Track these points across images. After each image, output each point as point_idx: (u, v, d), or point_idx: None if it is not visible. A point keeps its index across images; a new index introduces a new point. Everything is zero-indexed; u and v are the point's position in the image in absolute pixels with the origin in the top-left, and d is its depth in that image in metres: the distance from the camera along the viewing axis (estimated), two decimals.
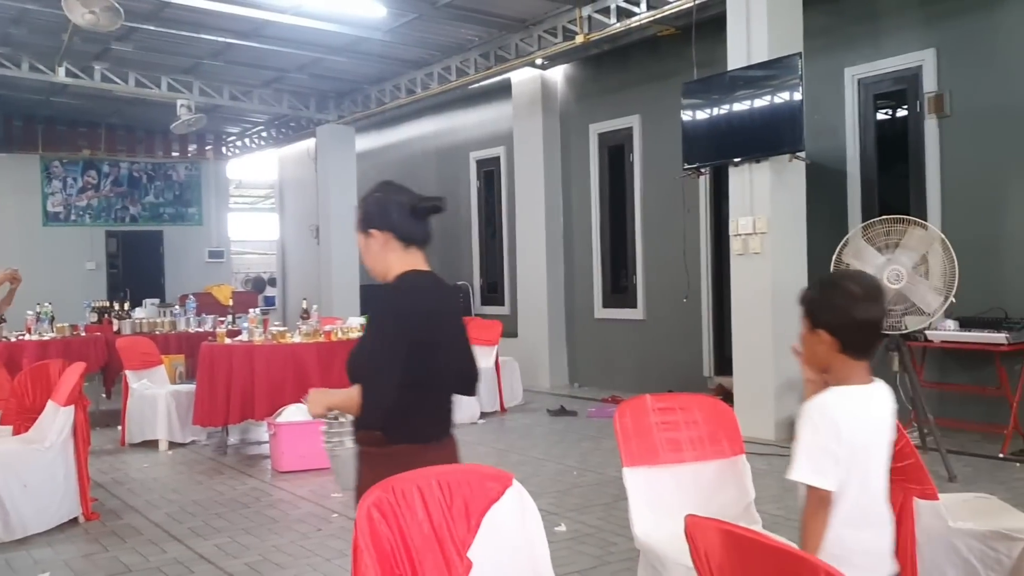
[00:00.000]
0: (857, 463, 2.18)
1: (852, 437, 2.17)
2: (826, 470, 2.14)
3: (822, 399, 2.23)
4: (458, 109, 13.38)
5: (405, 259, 2.67)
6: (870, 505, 2.24)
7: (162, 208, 17.39)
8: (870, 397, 2.27)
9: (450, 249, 13.76)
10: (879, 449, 2.27)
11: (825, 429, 2.17)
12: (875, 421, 2.27)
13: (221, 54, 11.66)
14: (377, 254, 2.68)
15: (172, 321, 9.80)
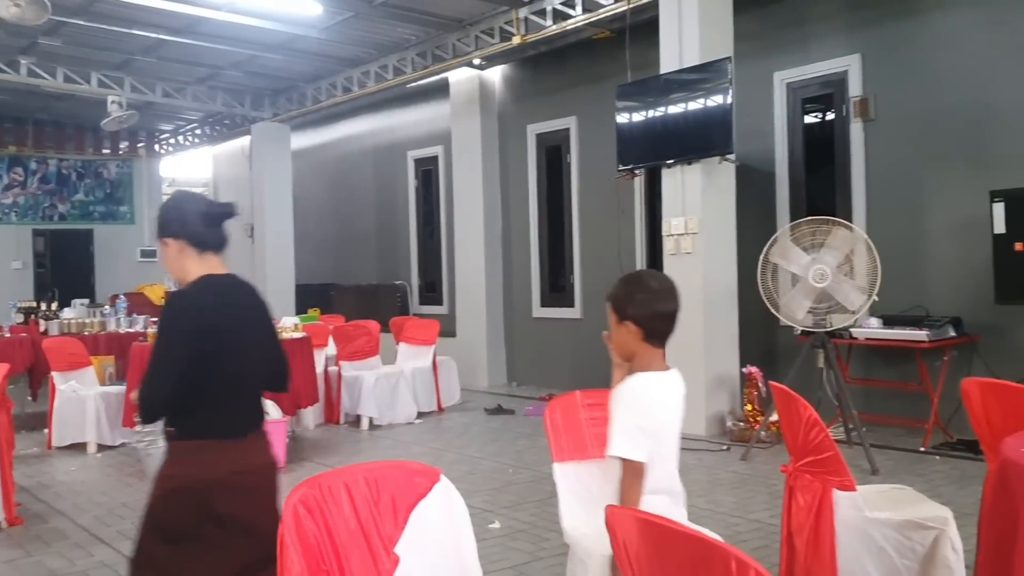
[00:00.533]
0: (658, 440, 2.56)
1: (656, 416, 2.58)
2: (639, 445, 2.49)
3: (632, 382, 2.59)
4: (395, 108, 13.35)
5: (201, 264, 2.76)
6: (666, 477, 2.62)
7: (92, 206, 16.99)
8: (669, 382, 2.67)
9: (387, 248, 13.72)
10: (674, 428, 2.67)
11: (636, 409, 2.54)
12: (672, 404, 2.67)
13: (154, 50, 11.45)
14: (174, 261, 2.78)
15: (102, 322, 9.60)
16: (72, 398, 7.88)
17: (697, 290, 7.59)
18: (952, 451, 6.61)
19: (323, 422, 8.89)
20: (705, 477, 6.22)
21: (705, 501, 5.54)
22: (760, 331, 8.05)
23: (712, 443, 7.26)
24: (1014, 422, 3.24)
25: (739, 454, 6.81)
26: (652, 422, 2.54)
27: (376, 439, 8.26)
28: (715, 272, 7.65)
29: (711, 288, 7.60)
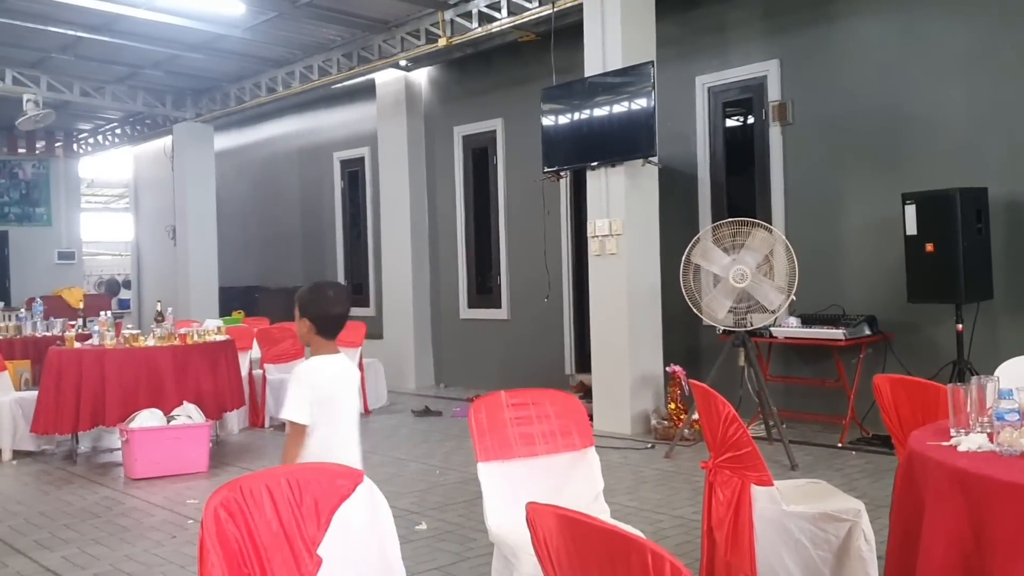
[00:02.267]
0: (325, 407, 3.22)
1: (322, 390, 3.25)
2: (303, 411, 3.19)
3: (304, 364, 3.37)
4: (321, 109, 13.23)
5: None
6: (336, 435, 3.26)
7: (7, 207, 16.44)
8: (336, 364, 3.37)
9: (314, 249, 13.59)
10: (344, 396, 3.36)
11: (307, 383, 3.25)
12: (340, 380, 3.36)
13: (71, 48, 11.15)
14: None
15: (17, 325, 9.29)
16: None
17: (621, 290, 7.70)
18: (867, 446, 6.83)
19: (248, 426, 8.76)
20: (630, 475, 6.32)
21: (630, 498, 5.63)
22: (683, 330, 8.20)
23: (637, 441, 7.37)
24: (922, 416, 3.38)
25: (663, 452, 6.93)
26: (320, 393, 3.24)
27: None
28: (639, 273, 7.77)
29: (635, 288, 7.72)
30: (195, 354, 7.33)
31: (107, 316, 7.92)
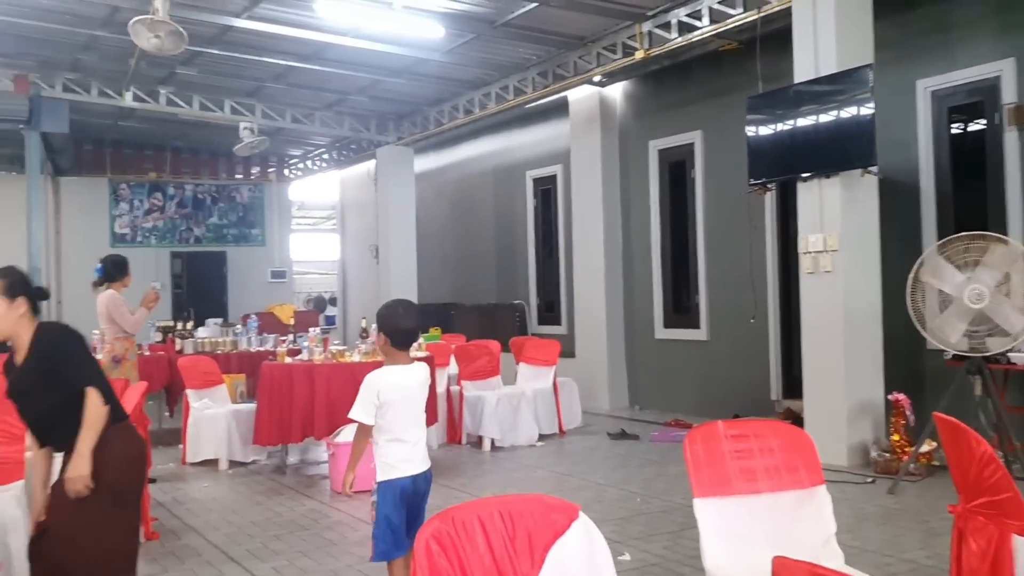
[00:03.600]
0: (389, 410, 3.77)
1: (386, 395, 3.77)
2: (368, 413, 3.77)
3: (374, 372, 3.85)
4: (515, 128, 13.34)
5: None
6: (406, 431, 3.82)
7: (226, 229, 17.65)
8: (403, 373, 3.88)
9: (506, 268, 13.68)
10: (409, 400, 3.87)
11: (370, 389, 3.79)
12: (403, 387, 3.85)
13: (283, 77, 11.78)
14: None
15: (234, 340, 9.85)
16: (205, 415, 8.07)
17: (837, 310, 7.18)
18: None
19: (445, 442, 8.84)
20: (849, 511, 5.82)
21: (852, 537, 5.16)
22: (903, 354, 7.55)
23: (855, 474, 6.82)
24: None
25: (885, 487, 6.36)
26: (384, 398, 3.77)
27: (499, 461, 8.14)
28: (857, 291, 7.22)
29: (853, 308, 7.18)
30: None
31: (316, 332, 8.22)
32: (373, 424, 3.77)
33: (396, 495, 3.75)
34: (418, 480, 3.82)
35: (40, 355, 3.44)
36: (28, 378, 3.44)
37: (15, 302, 3.43)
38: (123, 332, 7.27)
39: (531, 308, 13.07)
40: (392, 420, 3.78)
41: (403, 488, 3.77)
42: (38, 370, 3.43)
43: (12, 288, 3.44)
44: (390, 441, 3.78)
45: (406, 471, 3.78)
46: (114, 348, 7.25)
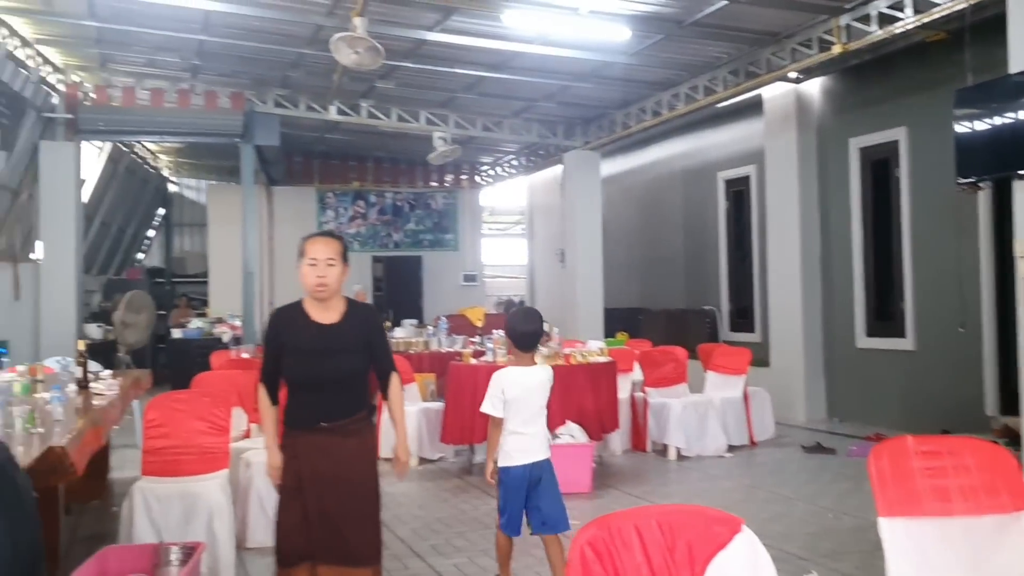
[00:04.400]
0: (512, 405, 4.33)
1: (510, 391, 4.33)
2: (497, 407, 4.33)
3: (500, 371, 4.46)
4: (705, 129, 13.05)
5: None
6: (525, 425, 4.35)
7: (422, 235, 18.34)
8: (524, 373, 4.43)
9: (696, 272, 13.40)
10: (529, 397, 4.39)
11: (496, 386, 4.35)
12: (524, 385, 4.39)
13: (474, 87, 12.09)
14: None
15: (426, 341, 10.20)
16: None
17: None
18: None
19: (630, 449, 8.76)
20: None
21: None
22: None
23: None
24: None
25: None
26: (508, 394, 4.33)
27: (684, 470, 7.97)
28: None
29: None
30: (579, 374, 7.45)
31: (501, 335, 8.35)
32: (502, 416, 4.34)
33: (513, 480, 4.34)
34: (534, 468, 4.36)
35: (359, 322, 3.69)
36: (343, 339, 3.64)
37: (347, 267, 3.71)
38: None
39: (722, 314, 12.74)
40: (512, 414, 4.34)
41: (519, 475, 4.34)
42: (355, 335, 3.66)
43: (345, 254, 3.72)
44: (510, 433, 4.35)
45: (522, 460, 4.35)
46: None
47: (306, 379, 3.63)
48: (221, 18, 9.65)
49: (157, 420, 5.31)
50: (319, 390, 3.62)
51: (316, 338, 3.61)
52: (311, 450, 3.58)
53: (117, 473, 7.10)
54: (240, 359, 9.48)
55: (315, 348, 3.60)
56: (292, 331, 3.65)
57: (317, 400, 3.62)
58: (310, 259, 3.61)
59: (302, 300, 3.72)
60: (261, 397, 3.73)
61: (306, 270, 3.62)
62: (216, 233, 17.11)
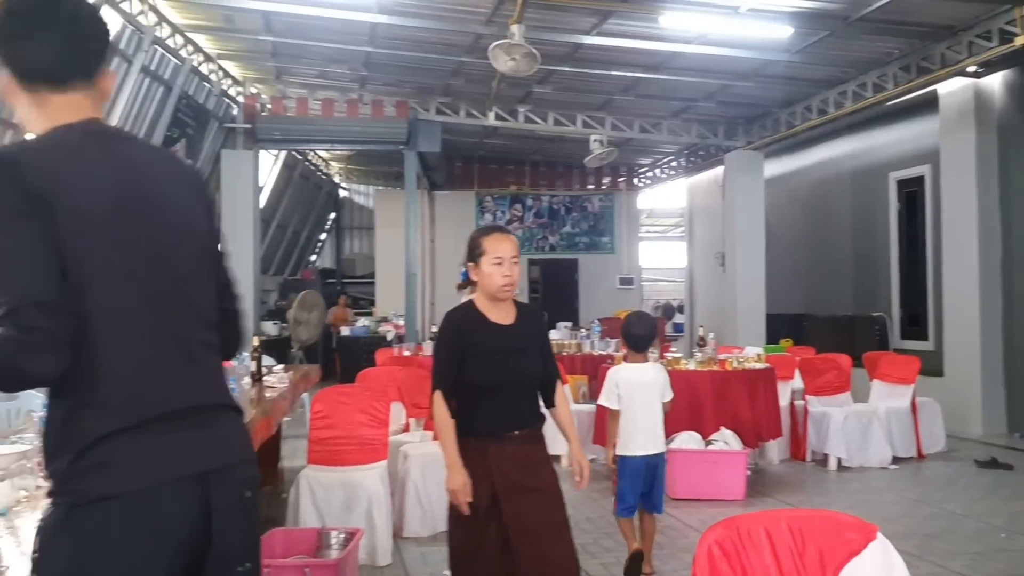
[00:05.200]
0: (625, 400, 4.83)
1: (622, 387, 4.84)
2: (612, 401, 4.86)
3: (614, 368, 5.20)
4: (875, 127, 12.50)
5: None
6: (639, 419, 4.80)
7: (578, 238, 18.46)
8: (636, 370, 4.94)
9: (865, 277, 12.86)
10: (641, 392, 4.83)
11: (611, 381, 4.91)
12: (635, 381, 4.86)
13: (631, 88, 12.07)
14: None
15: (578, 343, 10.28)
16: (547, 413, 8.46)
17: None
18: None
19: (788, 458, 8.52)
20: None
21: None
22: None
23: None
24: None
25: None
26: (621, 389, 4.83)
27: (844, 481, 7.69)
28: None
29: None
30: (734, 380, 7.33)
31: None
32: (618, 409, 4.83)
33: (631, 470, 4.80)
34: (649, 460, 4.81)
35: (531, 323, 3.50)
36: (523, 340, 3.43)
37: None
38: None
39: (893, 321, 12.16)
40: (626, 408, 4.84)
41: (635, 465, 4.80)
42: (529, 336, 3.46)
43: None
44: (626, 426, 4.82)
45: (638, 452, 4.79)
46: None
47: (497, 382, 3.34)
48: (387, 30, 10.07)
49: (323, 412, 5.63)
50: (510, 394, 3.35)
51: (501, 339, 3.38)
52: (504, 461, 3.27)
53: (288, 462, 7.53)
54: (401, 356, 9.86)
55: (503, 349, 3.36)
56: (475, 332, 3.39)
57: (508, 405, 3.35)
58: (495, 257, 3.38)
59: (472, 301, 3.48)
60: (438, 407, 3.35)
61: (490, 269, 3.37)
62: (382, 236, 17.84)
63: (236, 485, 1.85)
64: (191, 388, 1.84)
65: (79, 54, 1.85)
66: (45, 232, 1.66)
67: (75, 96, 1.84)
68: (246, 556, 1.87)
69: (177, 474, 1.74)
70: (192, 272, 1.89)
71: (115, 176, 1.80)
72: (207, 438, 1.83)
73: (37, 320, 1.62)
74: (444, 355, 3.43)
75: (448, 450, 3.30)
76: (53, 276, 1.66)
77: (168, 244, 1.84)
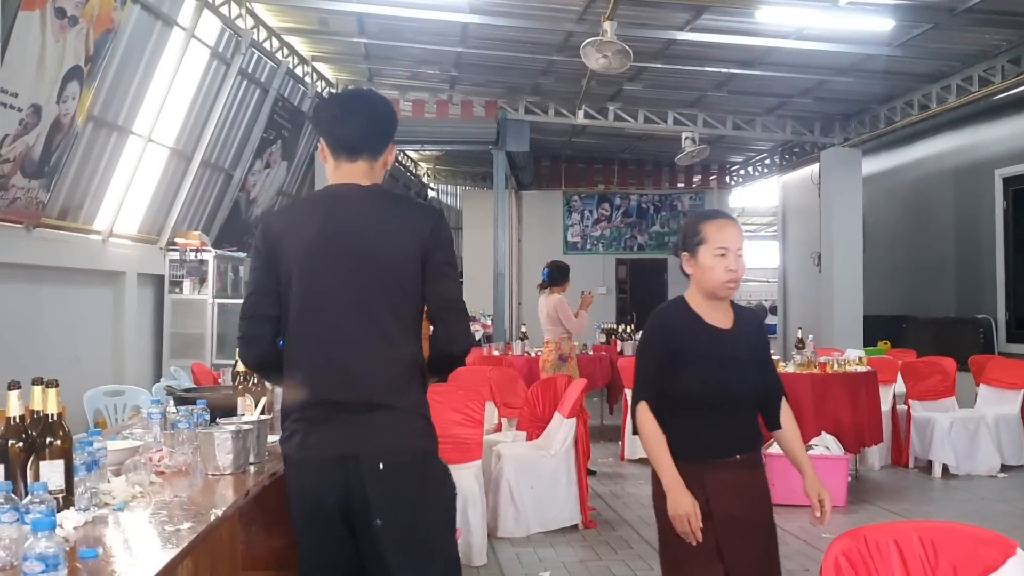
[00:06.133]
0: None
1: None
2: None
3: None
4: (980, 123, 12.01)
5: None
6: None
7: (667, 237, 18.22)
8: None
9: (968, 278, 12.37)
10: None
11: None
12: None
13: (724, 85, 11.86)
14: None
15: None
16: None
17: None
18: None
19: (889, 464, 8.26)
20: None
21: None
22: None
23: None
24: None
25: None
26: None
27: (949, 489, 7.40)
28: None
29: None
30: (835, 384, 7.12)
31: None
32: None
33: None
34: None
35: (753, 330, 3.03)
36: (743, 348, 2.92)
37: None
38: (567, 333, 7.86)
39: (998, 324, 11.66)
40: None
41: None
42: (750, 344, 2.97)
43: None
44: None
45: None
46: (561, 347, 7.87)
47: (715, 395, 2.83)
48: (477, 30, 10.11)
49: None
50: (730, 410, 2.87)
51: (718, 345, 2.88)
52: (722, 490, 2.79)
53: None
54: (491, 356, 9.89)
55: (721, 357, 2.86)
56: (688, 335, 2.89)
57: (727, 423, 2.86)
58: (718, 248, 2.87)
59: (684, 299, 3.00)
60: (645, 420, 2.83)
61: (712, 261, 2.87)
62: (470, 236, 17.92)
63: (375, 460, 2.44)
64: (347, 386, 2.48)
65: (372, 136, 2.61)
66: (270, 270, 2.55)
67: (361, 164, 2.61)
68: (377, 514, 2.42)
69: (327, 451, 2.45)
70: (372, 291, 2.49)
71: (320, 227, 2.52)
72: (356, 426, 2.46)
73: (246, 327, 2.60)
74: (651, 360, 2.91)
75: (666, 468, 2.77)
76: (266, 298, 2.56)
77: (351, 271, 2.48)
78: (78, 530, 2.19)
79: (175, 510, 2.48)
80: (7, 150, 6.13)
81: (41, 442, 2.34)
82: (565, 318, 7.80)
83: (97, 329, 8.52)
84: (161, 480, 2.87)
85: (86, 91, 6.81)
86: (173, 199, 9.61)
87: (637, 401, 2.88)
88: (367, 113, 2.60)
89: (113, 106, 7.78)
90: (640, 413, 2.85)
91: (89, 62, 6.69)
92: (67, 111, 6.66)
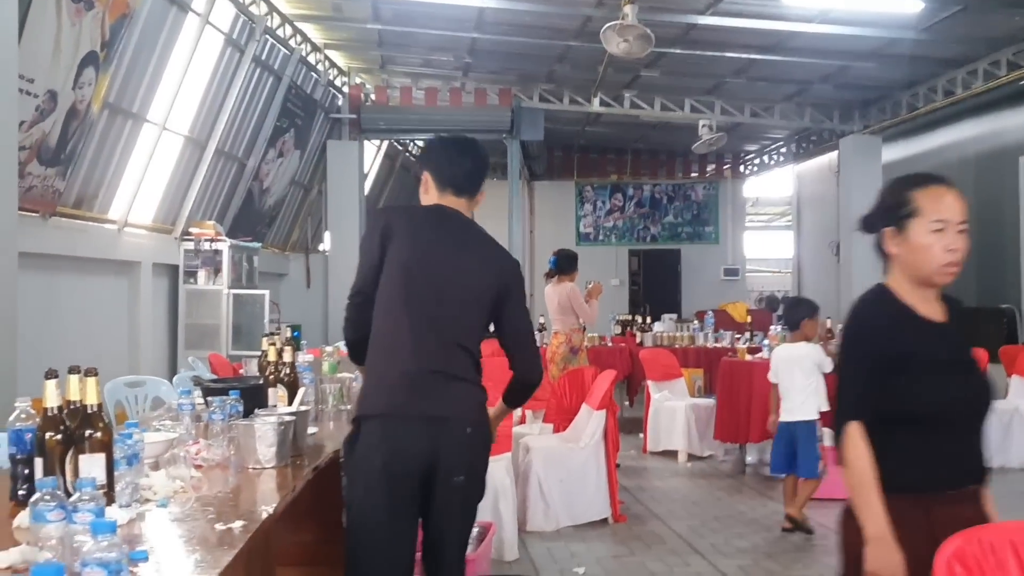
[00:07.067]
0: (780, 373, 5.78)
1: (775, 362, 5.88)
2: (772, 375, 5.89)
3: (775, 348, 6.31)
4: (1005, 108, 11.81)
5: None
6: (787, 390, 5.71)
7: (680, 227, 18.06)
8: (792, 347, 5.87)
9: (991, 267, 12.17)
10: (788, 369, 5.74)
11: (773, 358, 5.99)
12: (789, 357, 5.78)
13: (743, 71, 11.68)
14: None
15: (691, 336, 9.99)
16: (664, 407, 8.25)
17: None
18: None
19: None
20: None
21: None
22: None
23: None
24: None
25: None
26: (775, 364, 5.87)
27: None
28: None
29: None
30: None
31: (777, 331, 8.01)
32: (775, 382, 5.70)
33: (779, 431, 5.61)
34: (792, 427, 5.49)
35: (964, 322, 2.40)
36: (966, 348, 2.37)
37: None
38: (578, 323, 7.66)
39: (1022, 314, 11.49)
40: (779, 380, 5.67)
41: (783, 428, 5.56)
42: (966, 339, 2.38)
43: None
44: (781, 395, 5.61)
45: (785, 418, 5.53)
46: (572, 339, 7.67)
47: (952, 410, 2.22)
48: (494, 15, 9.94)
49: None
50: (966, 426, 2.27)
51: (944, 345, 2.28)
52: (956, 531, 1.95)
53: None
54: None
55: (952, 359, 2.27)
56: (908, 335, 2.26)
57: (965, 443, 2.27)
58: (936, 221, 2.23)
59: (886, 287, 2.35)
60: (855, 447, 2.19)
61: (928, 239, 2.24)
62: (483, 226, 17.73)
63: (462, 424, 2.74)
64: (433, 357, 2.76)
65: (472, 178, 2.96)
66: (380, 255, 2.82)
67: (463, 201, 2.95)
68: (460, 471, 2.71)
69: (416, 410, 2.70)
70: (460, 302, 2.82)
71: (428, 236, 2.86)
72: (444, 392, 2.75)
73: (349, 308, 2.95)
74: (860, 370, 2.25)
75: (874, 513, 2.15)
76: (370, 279, 2.84)
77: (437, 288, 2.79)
78: (122, 528, 2.04)
79: (222, 507, 2.33)
80: (24, 137, 5.98)
81: (80, 434, 2.19)
82: (579, 307, 7.58)
83: (113, 319, 8.38)
84: (200, 474, 2.72)
85: (102, 77, 6.66)
86: (187, 188, 9.47)
87: (845, 422, 2.22)
88: (474, 158, 2.97)
89: (128, 93, 7.62)
90: (851, 437, 2.20)
91: (105, 47, 6.53)
92: (83, 97, 6.50)
